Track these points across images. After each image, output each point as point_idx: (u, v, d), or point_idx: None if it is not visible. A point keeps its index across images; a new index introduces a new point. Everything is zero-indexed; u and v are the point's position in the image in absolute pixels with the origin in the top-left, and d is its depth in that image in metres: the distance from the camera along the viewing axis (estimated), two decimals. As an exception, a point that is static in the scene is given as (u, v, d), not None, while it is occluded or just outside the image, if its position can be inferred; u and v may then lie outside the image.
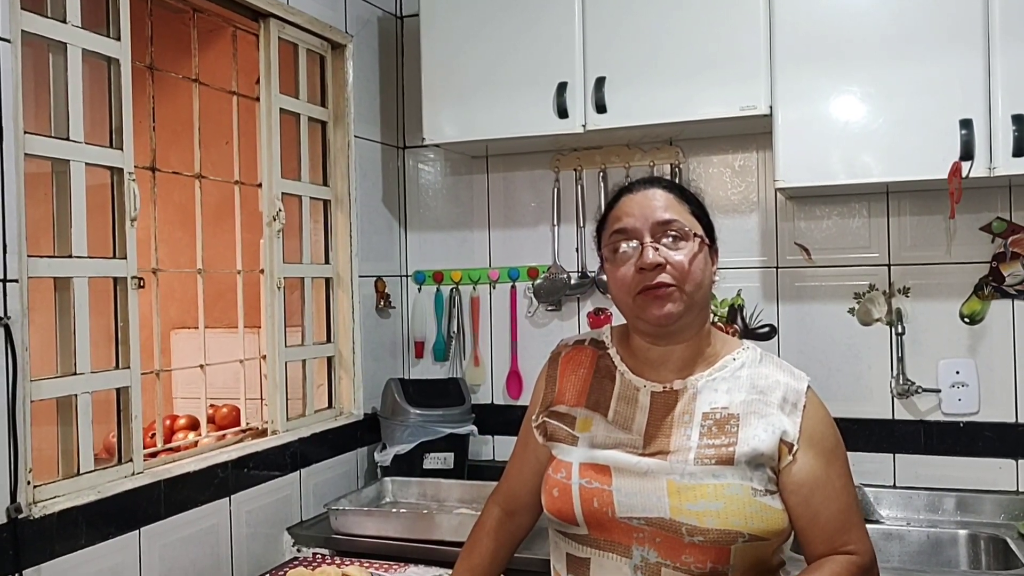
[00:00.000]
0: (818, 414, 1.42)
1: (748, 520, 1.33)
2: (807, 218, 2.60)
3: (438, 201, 3.03)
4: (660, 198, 1.44)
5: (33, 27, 1.74)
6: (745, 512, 1.33)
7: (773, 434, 1.37)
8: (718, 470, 1.35)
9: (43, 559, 1.68)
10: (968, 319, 2.45)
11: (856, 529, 1.41)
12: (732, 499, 1.33)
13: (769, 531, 1.35)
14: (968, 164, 2.11)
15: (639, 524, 1.36)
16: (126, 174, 1.96)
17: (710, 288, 1.46)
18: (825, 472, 1.39)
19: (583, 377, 1.53)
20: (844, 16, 2.22)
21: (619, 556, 1.38)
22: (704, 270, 1.42)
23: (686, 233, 1.40)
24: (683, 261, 1.39)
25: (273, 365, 2.47)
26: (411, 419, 2.68)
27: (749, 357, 1.48)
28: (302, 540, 2.40)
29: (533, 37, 2.51)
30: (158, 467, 2.05)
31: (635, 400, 1.46)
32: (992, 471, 2.42)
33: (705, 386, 1.43)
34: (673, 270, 1.38)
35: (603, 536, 1.40)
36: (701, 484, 1.34)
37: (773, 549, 1.41)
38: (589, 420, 1.47)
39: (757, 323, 2.64)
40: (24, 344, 1.66)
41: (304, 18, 2.53)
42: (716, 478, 1.34)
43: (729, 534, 1.32)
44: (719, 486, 1.34)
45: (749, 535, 1.33)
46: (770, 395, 1.41)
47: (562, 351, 1.59)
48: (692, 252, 1.40)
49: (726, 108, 2.34)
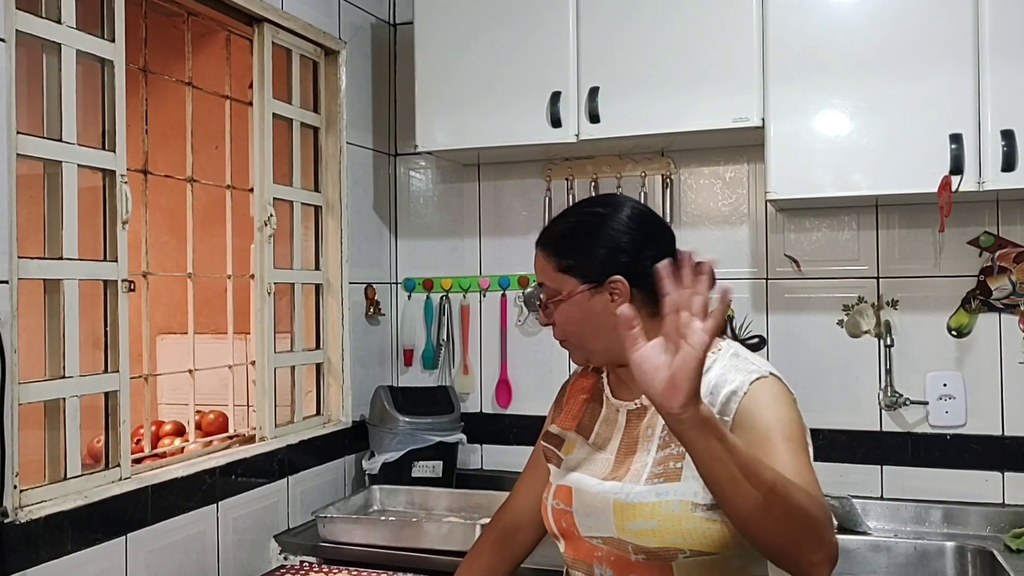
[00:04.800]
0: (755, 399, 1.34)
1: (685, 536, 1.32)
2: (797, 230, 2.61)
3: (429, 209, 3.03)
4: (537, 262, 1.50)
5: (27, 27, 1.73)
6: (682, 529, 1.32)
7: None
8: (663, 488, 1.35)
9: (28, 564, 1.66)
10: (956, 332, 2.47)
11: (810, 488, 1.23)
12: (668, 516, 1.33)
13: (711, 546, 1.32)
14: (958, 178, 2.13)
15: (597, 543, 1.41)
16: (118, 176, 1.95)
17: (609, 323, 1.35)
18: (760, 447, 1.27)
19: (581, 402, 1.58)
20: (837, 31, 2.24)
21: (584, 573, 1.45)
22: (584, 319, 1.44)
23: (552, 296, 1.46)
24: (560, 321, 1.46)
25: (262, 371, 2.46)
26: (400, 427, 2.67)
27: (717, 359, 1.42)
28: (289, 548, 2.38)
29: (527, 46, 2.52)
30: (145, 472, 2.03)
31: (615, 421, 1.49)
32: (979, 483, 2.44)
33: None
34: (557, 330, 1.48)
35: (573, 554, 1.47)
36: (642, 503, 1.35)
37: (726, 565, 1.34)
38: (573, 443, 1.53)
39: (746, 334, 2.63)
40: (13, 346, 1.64)
41: (298, 23, 2.53)
42: (658, 496, 1.35)
43: (668, 551, 1.33)
44: (657, 504, 1.34)
45: (690, 551, 1.33)
46: (718, 396, 1.36)
47: (572, 378, 1.65)
48: (565, 312, 1.45)
49: (719, 120, 2.35)
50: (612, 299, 1.42)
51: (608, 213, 1.48)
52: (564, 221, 1.53)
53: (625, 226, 1.46)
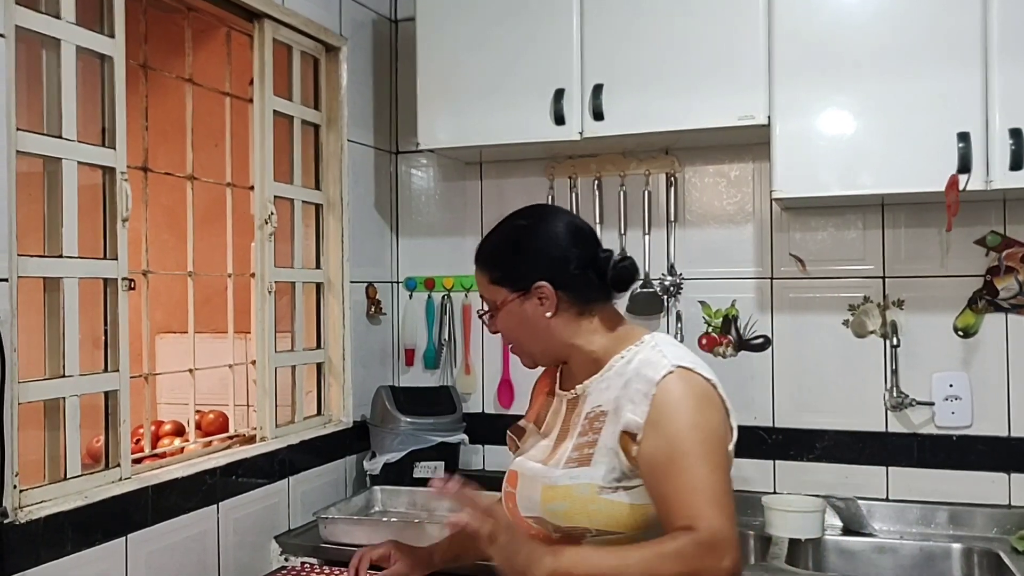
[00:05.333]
0: (668, 399, 1.42)
1: (591, 517, 1.45)
2: (802, 229, 2.59)
3: (430, 207, 3.01)
4: (476, 275, 1.64)
5: (27, 22, 1.71)
6: (588, 510, 1.45)
7: (618, 428, 1.46)
8: (576, 472, 1.48)
9: (28, 565, 1.64)
10: (962, 332, 2.45)
11: (701, 507, 1.35)
12: (576, 499, 1.47)
13: (615, 526, 1.45)
14: (965, 177, 2.11)
15: (531, 522, 1.55)
16: (118, 174, 1.92)
17: (546, 328, 1.56)
18: (668, 453, 1.39)
19: (544, 397, 1.71)
20: (844, 28, 2.23)
21: None
22: (521, 326, 1.58)
23: (491, 307, 1.61)
24: (502, 329, 1.62)
25: (263, 371, 2.44)
26: (401, 427, 2.65)
27: (638, 351, 1.52)
28: (290, 549, 2.36)
29: (531, 43, 2.50)
30: (145, 473, 2.01)
31: (560, 410, 1.62)
32: (985, 485, 2.42)
33: (593, 388, 1.55)
34: (502, 336, 1.64)
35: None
36: (558, 486, 1.50)
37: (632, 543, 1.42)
38: (530, 432, 1.68)
39: (751, 334, 2.63)
40: (13, 345, 1.62)
41: (299, 19, 2.51)
42: (572, 479, 1.48)
43: (576, 530, 1.48)
44: (569, 487, 1.48)
45: (596, 531, 1.46)
46: (631, 388, 1.46)
47: (539, 377, 1.77)
48: (503, 320, 1.60)
49: (724, 117, 2.33)
50: (540, 303, 1.56)
51: (530, 224, 1.62)
52: (493, 236, 1.66)
53: (548, 235, 1.59)
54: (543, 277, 1.55)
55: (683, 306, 2.68)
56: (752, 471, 2.61)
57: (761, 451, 2.60)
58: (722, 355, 2.65)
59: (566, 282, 1.55)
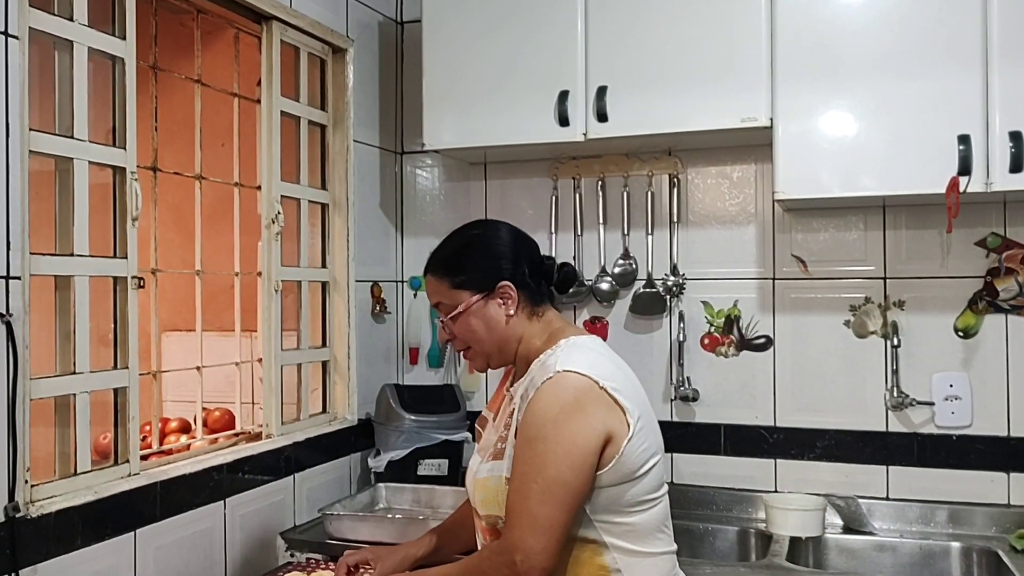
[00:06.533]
0: (537, 403, 1.51)
1: (500, 505, 1.55)
2: (804, 230, 2.61)
3: (435, 207, 3.04)
4: (430, 285, 1.72)
5: (40, 24, 1.73)
6: (497, 500, 1.56)
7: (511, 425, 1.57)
8: (491, 464, 1.60)
9: (39, 559, 1.66)
10: (962, 333, 2.47)
11: (512, 517, 1.49)
12: (489, 489, 1.59)
13: None
14: (965, 179, 2.13)
15: (476, 512, 1.67)
16: (128, 173, 1.95)
17: (501, 328, 1.65)
18: (518, 459, 1.52)
19: (503, 392, 1.77)
20: (845, 31, 2.25)
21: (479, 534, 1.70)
22: (483, 326, 1.65)
23: (451, 310, 1.66)
24: (461, 332, 1.67)
25: (269, 368, 2.46)
26: (406, 425, 2.67)
27: (552, 353, 1.60)
28: (296, 545, 2.38)
29: (536, 45, 2.52)
30: (154, 469, 2.03)
31: (507, 408, 1.68)
32: (984, 484, 2.44)
33: (518, 388, 1.63)
34: (459, 341, 1.69)
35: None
36: (478, 479, 1.63)
37: None
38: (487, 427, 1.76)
39: (753, 334, 2.65)
40: (25, 342, 1.65)
41: (306, 21, 2.53)
42: (488, 472, 1.60)
43: (491, 518, 1.59)
44: (486, 479, 1.60)
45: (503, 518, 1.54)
46: (530, 390, 1.56)
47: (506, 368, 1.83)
48: (464, 322, 1.65)
49: (727, 119, 2.35)
50: (502, 303, 1.65)
51: (484, 232, 1.75)
52: (449, 246, 1.73)
53: (502, 240, 1.70)
54: (504, 277, 1.65)
55: (685, 306, 2.70)
56: (753, 470, 2.63)
57: (762, 450, 2.62)
58: (724, 355, 2.67)
59: (523, 282, 1.67)
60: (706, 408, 2.66)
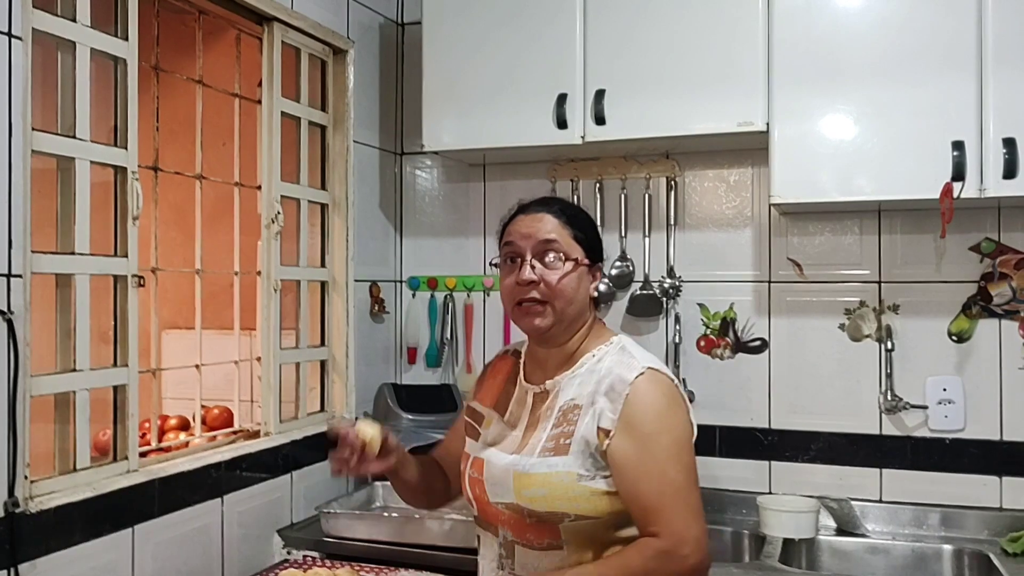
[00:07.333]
0: (641, 400, 1.51)
1: (572, 503, 1.51)
2: (800, 234, 2.63)
3: (434, 207, 3.05)
4: (547, 222, 1.62)
5: (43, 25, 1.76)
6: (568, 496, 1.51)
7: (595, 421, 1.53)
8: (553, 460, 1.54)
9: (38, 554, 1.68)
10: (956, 337, 2.49)
11: (667, 512, 1.47)
12: (557, 485, 1.52)
13: (594, 511, 1.52)
14: (959, 185, 2.15)
15: (501, 508, 1.60)
16: (129, 173, 1.97)
17: (585, 301, 1.63)
18: (639, 455, 1.49)
19: (499, 382, 1.75)
20: (842, 37, 2.26)
21: (492, 535, 1.64)
22: (577, 288, 1.60)
23: (563, 255, 1.59)
24: (556, 281, 1.58)
25: (268, 367, 2.48)
26: (403, 424, 2.69)
27: (607, 351, 1.61)
28: (293, 542, 2.40)
29: (535, 48, 2.54)
30: (152, 466, 2.05)
31: (525, 402, 1.67)
32: (976, 487, 2.45)
33: (567, 383, 1.61)
34: (545, 288, 1.58)
35: (484, 518, 1.66)
36: (535, 473, 1.54)
37: (608, 526, 1.53)
38: (491, 419, 1.71)
39: (749, 336, 2.66)
40: (26, 339, 1.67)
41: (307, 23, 2.55)
42: (549, 468, 1.53)
43: (556, 515, 1.52)
44: (548, 474, 1.53)
45: (575, 515, 1.52)
46: (602, 385, 1.55)
47: (494, 360, 1.83)
48: (565, 272, 1.59)
49: (724, 123, 2.37)
50: (593, 280, 1.65)
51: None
52: (567, 203, 1.71)
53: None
54: (601, 261, 1.68)
55: (682, 308, 2.72)
56: (747, 471, 2.64)
57: (757, 452, 2.64)
58: (719, 357, 2.69)
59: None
60: (701, 410, 2.67)
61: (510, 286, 1.61)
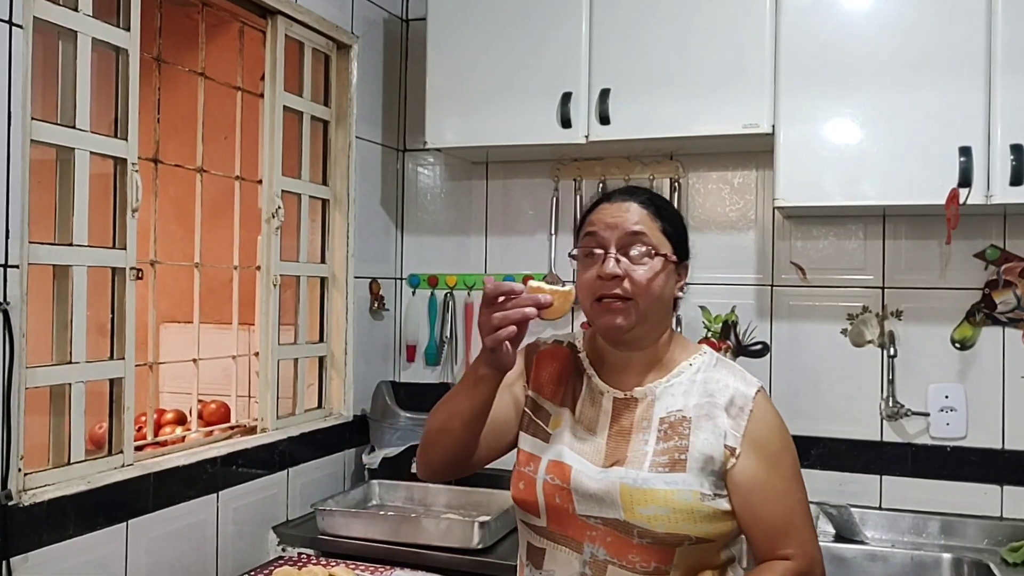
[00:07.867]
0: (764, 419, 1.45)
1: (696, 524, 1.40)
2: (803, 238, 2.62)
3: (436, 205, 3.04)
4: (634, 212, 1.49)
5: (45, 14, 1.74)
6: (693, 517, 1.40)
7: (718, 438, 1.43)
8: (670, 477, 1.41)
9: (31, 547, 1.67)
10: (959, 344, 2.47)
11: (797, 534, 1.44)
12: (681, 504, 1.39)
13: (715, 533, 1.42)
14: (966, 191, 2.13)
15: (595, 523, 1.44)
16: (129, 165, 1.96)
17: (670, 302, 1.51)
18: (767, 475, 1.43)
19: (558, 371, 1.58)
20: (849, 40, 2.25)
21: (571, 550, 1.47)
22: (664, 287, 1.47)
23: (651, 250, 1.46)
24: (642, 277, 1.44)
25: (266, 363, 2.46)
26: (401, 422, 2.68)
27: (705, 362, 1.52)
28: (288, 539, 2.39)
29: (540, 47, 2.52)
30: (147, 460, 2.04)
31: (599, 404, 1.52)
32: (977, 496, 2.44)
33: (664, 392, 1.49)
34: (631, 284, 1.44)
35: (559, 530, 1.48)
36: (653, 489, 1.40)
37: (718, 549, 1.46)
38: (560, 417, 1.54)
39: (750, 340, 2.65)
40: (22, 330, 1.65)
41: (311, 17, 2.54)
42: (668, 484, 1.41)
43: (677, 537, 1.40)
44: (669, 492, 1.40)
45: (696, 538, 1.40)
46: (719, 398, 1.46)
47: (539, 346, 1.63)
48: (654, 269, 1.45)
49: (729, 125, 2.35)
50: (679, 279, 1.52)
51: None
52: (654, 193, 1.57)
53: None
54: (687, 259, 1.55)
55: (683, 310, 2.70)
56: (747, 476, 2.63)
57: (756, 456, 2.62)
58: (721, 360, 2.67)
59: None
60: (701, 413, 2.66)
61: (590, 280, 1.46)
